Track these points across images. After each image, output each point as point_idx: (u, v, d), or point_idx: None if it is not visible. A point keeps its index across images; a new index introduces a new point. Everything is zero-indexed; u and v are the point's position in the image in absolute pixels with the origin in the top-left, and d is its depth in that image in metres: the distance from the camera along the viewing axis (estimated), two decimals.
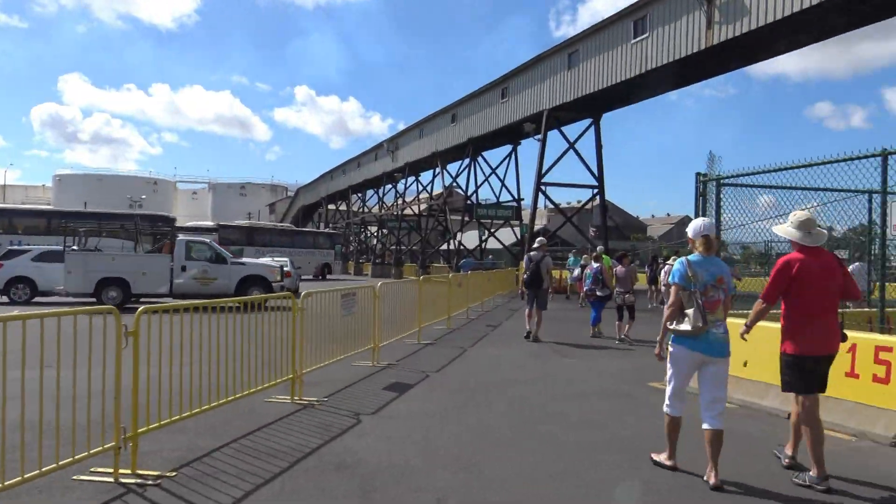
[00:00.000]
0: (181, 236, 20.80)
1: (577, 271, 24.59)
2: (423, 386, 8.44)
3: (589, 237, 39.75)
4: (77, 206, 53.79)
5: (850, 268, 14.56)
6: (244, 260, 21.75)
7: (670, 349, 5.02)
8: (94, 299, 18.66)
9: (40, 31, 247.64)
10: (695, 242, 4.99)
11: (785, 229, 5.10)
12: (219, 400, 6.05)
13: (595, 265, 14.05)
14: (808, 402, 4.94)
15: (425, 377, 9.03)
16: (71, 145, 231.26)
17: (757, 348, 7.15)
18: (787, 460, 5.28)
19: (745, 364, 7.36)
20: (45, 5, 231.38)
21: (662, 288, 16.51)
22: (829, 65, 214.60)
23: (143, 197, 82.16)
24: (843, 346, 6.25)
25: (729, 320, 5.17)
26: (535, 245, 13.61)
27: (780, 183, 8.35)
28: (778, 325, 7.13)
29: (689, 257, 4.97)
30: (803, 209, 9.52)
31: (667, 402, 5.09)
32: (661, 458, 5.19)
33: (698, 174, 8.52)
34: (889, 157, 6.05)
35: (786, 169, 7.45)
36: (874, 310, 9.44)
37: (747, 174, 8.15)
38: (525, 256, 14.34)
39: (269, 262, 22.39)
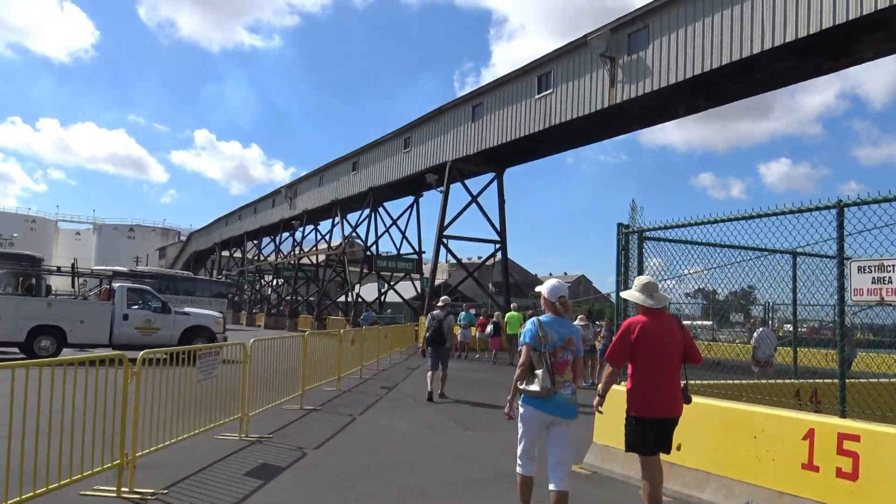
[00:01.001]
0: (120, 283, 19.01)
1: (489, 328, 23.82)
2: (295, 469, 6.90)
3: (490, 293, 39.08)
4: None
5: (756, 333, 14.22)
6: (187, 310, 20.16)
7: (520, 409, 4.96)
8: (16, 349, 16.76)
9: None
10: (549, 303, 5.03)
11: (630, 293, 5.37)
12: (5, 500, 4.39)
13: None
14: (647, 463, 5.10)
15: (301, 456, 7.49)
16: None
17: (694, 429, 6.11)
18: None
19: (678, 447, 6.27)
20: None
21: None
22: (710, 138, 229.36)
23: (15, 235, 75.63)
24: (799, 433, 5.31)
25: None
26: (440, 303, 13.51)
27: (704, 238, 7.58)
28: (720, 403, 6.17)
29: (541, 318, 4.98)
30: (699, 270, 8.90)
31: (518, 461, 5.03)
32: None
33: (620, 225, 7.58)
34: (846, 209, 5.20)
35: (720, 221, 6.59)
36: (803, 381, 8.73)
37: (674, 226, 7.28)
38: (429, 315, 13.82)
39: (212, 312, 21.25)
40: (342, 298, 51.41)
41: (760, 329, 14.14)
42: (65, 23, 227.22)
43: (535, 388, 4.78)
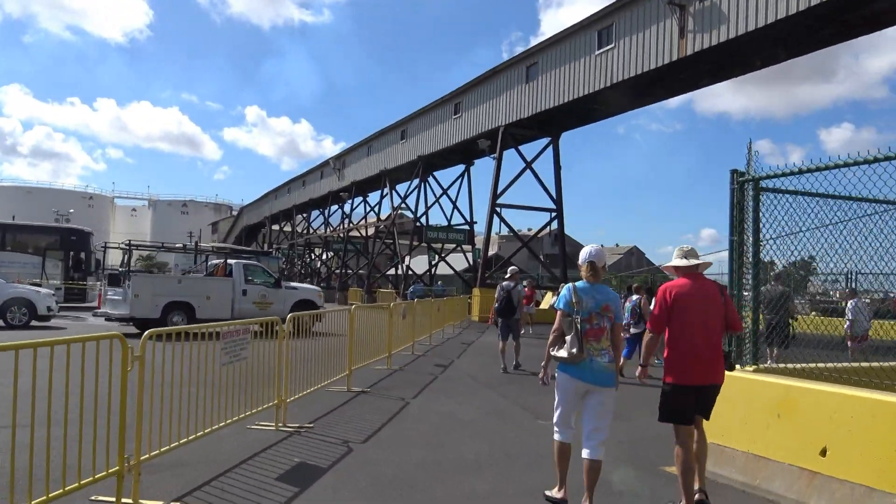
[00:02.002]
0: (235, 260, 19.96)
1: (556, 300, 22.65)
2: (338, 471, 5.71)
3: (545, 264, 37.62)
4: (5, 218, 49.08)
5: (850, 305, 12.56)
6: (294, 284, 21.52)
7: (556, 376, 4.90)
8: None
9: None
10: (582, 268, 4.98)
11: (670, 263, 5.21)
12: None
13: (634, 297, 13.16)
14: (681, 432, 4.87)
15: (346, 452, 6.31)
16: (9, 158, 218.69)
17: (847, 429, 4.70)
18: None
19: (823, 453, 4.87)
20: None
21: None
22: (770, 105, 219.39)
23: (71, 211, 76.93)
24: None
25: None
26: (507, 274, 13.64)
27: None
28: (886, 397, 4.74)
29: (577, 283, 4.92)
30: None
31: (555, 427, 4.96)
32: (552, 492, 4.96)
33: (734, 172, 6.09)
34: None
35: (877, 161, 5.07)
36: None
37: (803, 172, 5.75)
38: (498, 286, 13.84)
39: (313, 287, 23.18)
40: (392, 271, 50.56)
41: (853, 301, 12.53)
42: (120, 3, 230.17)
43: (563, 354, 4.73)
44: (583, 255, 5.02)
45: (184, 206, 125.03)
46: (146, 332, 4.86)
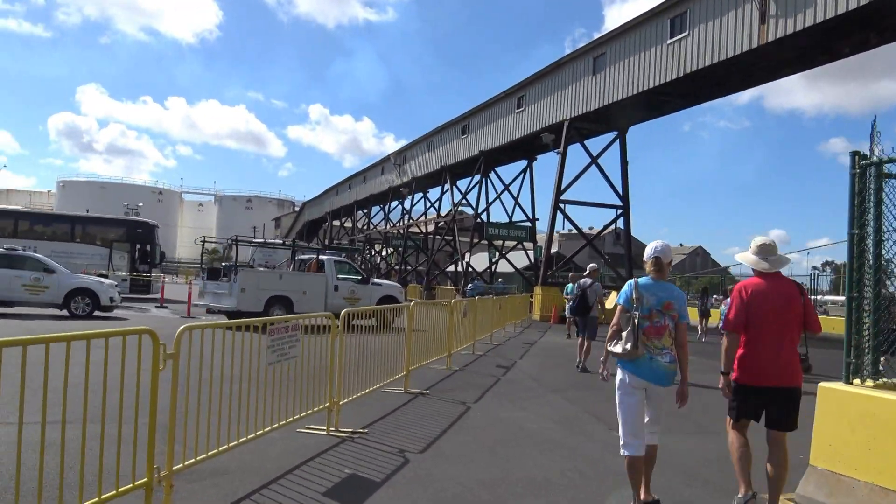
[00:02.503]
0: (327, 256, 20.69)
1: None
2: (394, 486, 5.10)
3: (609, 263, 36.43)
4: (79, 212, 50.63)
5: None
6: (379, 281, 22.31)
7: (617, 374, 4.66)
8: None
9: (63, 41, 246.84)
10: (647, 264, 4.82)
11: (745, 255, 5.01)
12: None
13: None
14: (734, 429, 4.75)
15: (402, 464, 5.71)
16: (86, 155, 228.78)
17: None
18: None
19: None
20: (70, 14, 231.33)
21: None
22: (845, 101, 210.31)
23: (140, 205, 79.25)
24: None
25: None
26: (587, 272, 13.28)
27: None
28: None
29: (640, 279, 4.74)
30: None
31: (622, 440, 4.57)
32: None
33: (856, 154, 5.22)
34: None
35: None
36: None
37: None
38: (575, 283, 13.81)
39: (394, 283, 23.80)
40: (452, 268, 50.02)
41: None
42: (192, 4, 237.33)
43: (617, 349, 4.60)
44: (648, 250, 4.88)
45: (248, 201, 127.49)
46: (181, 328, 4.34)
